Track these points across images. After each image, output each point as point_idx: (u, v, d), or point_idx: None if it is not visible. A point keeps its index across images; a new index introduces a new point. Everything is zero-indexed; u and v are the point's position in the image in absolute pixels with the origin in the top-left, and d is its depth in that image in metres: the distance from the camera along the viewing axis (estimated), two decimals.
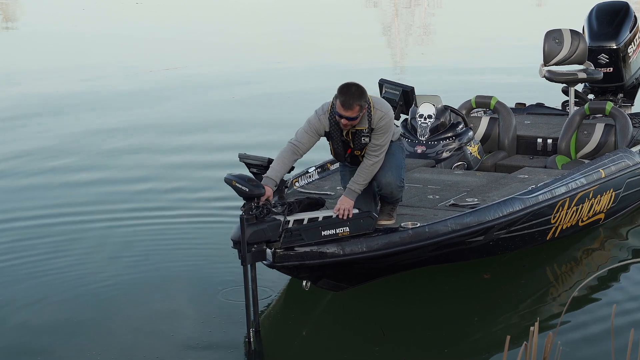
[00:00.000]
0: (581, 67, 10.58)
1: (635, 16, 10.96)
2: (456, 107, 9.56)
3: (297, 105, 15.57)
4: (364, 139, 6.87)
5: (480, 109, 10.11)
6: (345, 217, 6.67)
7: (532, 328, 4.21)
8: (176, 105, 15.92)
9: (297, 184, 8.05)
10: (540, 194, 7.63)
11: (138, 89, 17.70)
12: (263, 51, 22.78)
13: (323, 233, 6.58)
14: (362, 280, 7.17)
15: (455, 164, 8.92)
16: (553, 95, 11.94)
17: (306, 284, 6.78)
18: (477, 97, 9.91)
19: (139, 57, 22.29)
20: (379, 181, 6.96)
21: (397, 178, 6.98)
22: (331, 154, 7.18)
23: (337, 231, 6.61)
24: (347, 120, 6.72)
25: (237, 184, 6.36)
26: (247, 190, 6.34)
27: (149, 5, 36.55)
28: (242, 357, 6.43)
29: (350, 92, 6.65)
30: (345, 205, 6.72)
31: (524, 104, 11.17)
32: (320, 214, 6.68)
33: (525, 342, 4.21)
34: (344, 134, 6.90)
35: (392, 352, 6.46)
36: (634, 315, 6.87)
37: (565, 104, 11.08)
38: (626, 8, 10.95)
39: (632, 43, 10.75)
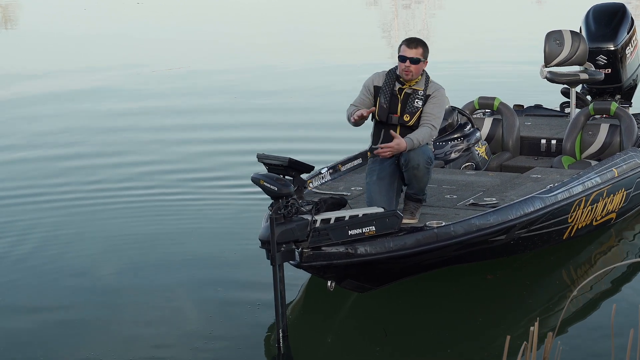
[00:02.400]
0: (581, 68, 10.62)
1: (632, 17, 10.98)
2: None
3: (297, 105, 15.66)
4: (417, 101, 7.02)
5: (482, 110, 10.16)
6: (387, 152, 6.86)
7: (532, 328, 4.23)
8: (178, 105, 15.98)
9: (311, 184, 8.04)
10: (559, 193, 7.67)
11: (140, 89, 17.74)
12: (263, 51, 22.79)
13: (350, 232, 6.53)
14: (385, 281, 7.16)
15: (464, 165, 8.95)
16: (550, 96, 12.00)
17: (331, 284, 6.73)
18: (480, 98, 9.92)
19: (140, 58, 22.29)
20: (408, 153, 6.95)
21: (425, 153, 7.00)
22: (373, 118, 7.21)
23: (364, 230, 6.57)
24: (409, 63, 6.99)
25: (265, 183, 6.25)
26: (276, 189, 6.22)
27: (150, 5, 36.52)
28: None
29: (415, 38, 7.18)
30: (396, 144, 6.84)
31: (522, 106, 11.18)
32: (346, 213, 6.63)
33: (525, 342, 4.26)
34: (397, 90, 7.06)
35: (395, 352, 6.50)
36: (634, 316, 6.80)
37: (563, 105, 11.10)
38: (623, 9, 10.97)
39: (630, 44, 10.77)
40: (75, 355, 6.55)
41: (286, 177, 6.53)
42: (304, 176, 6.83)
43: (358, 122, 7.08)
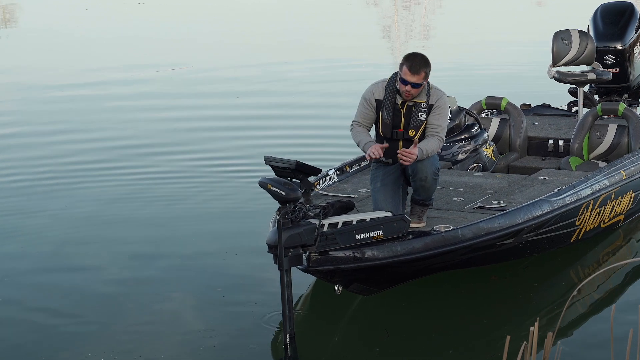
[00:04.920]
0: (589, 67, 10.56)
1: None
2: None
3: (298, 105, 15.60)
4: (420, 115, 6.97)
5: (489, 110, 10.07)
6: (406, 159, 6.79)
7: (532, 328, 4.26)
8: (180, 105, 15.96)
9: (318, 186, 8.01)
10: (567, 196, 7.66)
11: (142, 89, 17.73)
12: (264, 50, 22.83)
13: (357, 237, 6.51)
14: (391, 283, 7.17)
15: (471, 166, 8.95)
16: (555, 96, 11.91)
17: (338, 288, 6.72)
18: (488, 98, 9.90)
19: (143, 58, 22.32)
20: (415, 164, 6.93)
21: (433, 164, 7.00)
22: (377, 130, 7.17)
23: (371, 234, 6.54)
24: (411, 87, 6.87)
25: (272, 188, 6.20)
26: (284, 193, 6.18)
27: (151, 5, 36.63)
28: None
29: (417, 59, 6.93)
30: (411, 153, 6.77)
31: (529, 105, 11.16)
32: (354, 217, 6.61)
33: (525, 342, 4.19)
34: (400, 103, 6.96)
35: (399, 353, 6.49)
36: (634, 316, 6.85)
37: (571, 104, 11.10)
38: (631, 8, 11.01)
39: (638, 43, 10.80)
40: (75, 355, 6.54)
41: (293, 179, 6.53)
42: (311, 178, 6.83)
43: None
